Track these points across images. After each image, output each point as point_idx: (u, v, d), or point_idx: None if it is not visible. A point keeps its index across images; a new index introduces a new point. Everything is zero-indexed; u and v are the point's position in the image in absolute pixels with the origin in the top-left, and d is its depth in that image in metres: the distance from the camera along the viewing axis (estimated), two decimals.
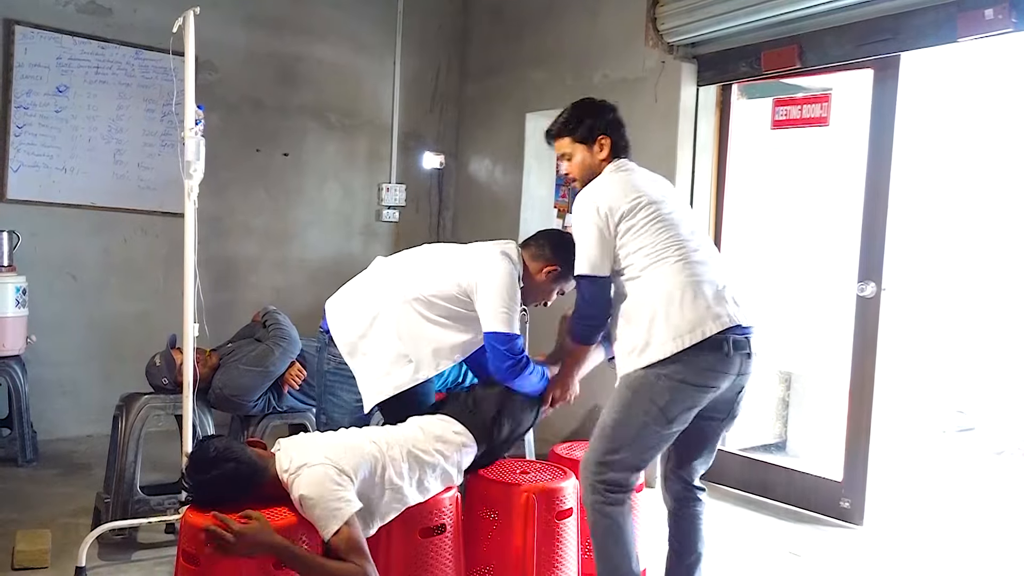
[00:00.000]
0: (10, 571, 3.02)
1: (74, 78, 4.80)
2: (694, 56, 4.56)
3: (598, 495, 2.48)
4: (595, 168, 2.62)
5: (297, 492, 2.18)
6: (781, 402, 5.23)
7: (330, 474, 2.20)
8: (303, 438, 2.43)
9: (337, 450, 2.30)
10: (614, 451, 2.46)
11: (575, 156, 2.64)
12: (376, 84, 5.93)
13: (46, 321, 4.64)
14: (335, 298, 2.96)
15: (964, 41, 3.48)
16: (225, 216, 5.31)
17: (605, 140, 2.61)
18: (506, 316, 2.61)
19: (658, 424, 2.43)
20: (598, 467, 2.48)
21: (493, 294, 2.63)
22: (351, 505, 2.19)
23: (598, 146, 2.61)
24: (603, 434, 2.49)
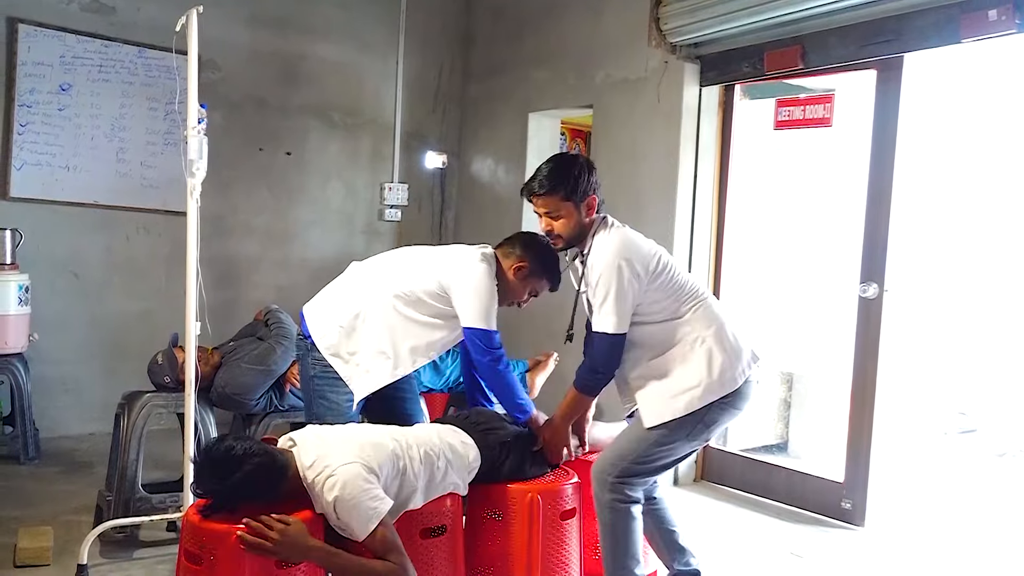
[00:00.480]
0: (12, 568, 3.03)
1: (77, 76, 4.80)
2: (697, 56, 4.56)
3: (617, 494, 2.56)
4: (583, 227, 2.61)
5: (332, 494, 2.13)
6: (783, 403, 5.22)
7: (363, 473, 2.17)
8: (319, 432, 2.37)
9: (365, 447, 2.28)
10: (645, 459, 2.57)
11: (561, 215, 2.59)
12: (379, 83, 5.93)
13: (48, 319, 4.64)
14: (312, 303, 3.00)
15: (968, 42, 3.48)
16: (227, 215, 5.32)
17: (593, 200, 2.61)
18: (484, 313, 2.72)
19: (696, 441, 2.62)
20: (621, 468, 2.56)
21: (471, 292, 2.73)
22: (385, 503, 2.19)
23: (586, 206, 2.60)
24: (641, 439, 2.57)
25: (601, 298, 2.51)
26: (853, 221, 4.09)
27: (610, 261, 2.50)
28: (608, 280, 2.49)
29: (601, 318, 2.53)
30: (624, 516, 2.57)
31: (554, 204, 2.58)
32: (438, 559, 2.48)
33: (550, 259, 2.87)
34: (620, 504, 2.57)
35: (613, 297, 2.49)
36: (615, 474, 2.57)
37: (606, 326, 2.51)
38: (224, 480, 2.11)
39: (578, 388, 2.66)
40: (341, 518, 2.14)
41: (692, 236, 4.55)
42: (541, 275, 2.88)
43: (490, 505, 2.67)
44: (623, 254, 2.51)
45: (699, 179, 4.56)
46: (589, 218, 2.61)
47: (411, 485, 2.36)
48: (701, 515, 4.08)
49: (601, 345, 2.54)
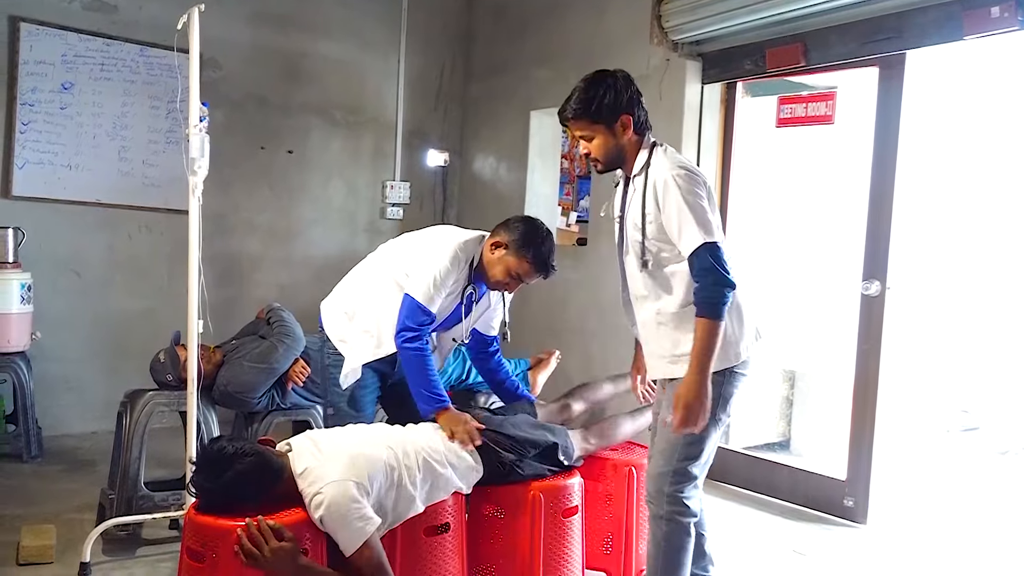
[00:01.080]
0: (15, 566, 3.03)
1: (79, 75, 4.80)
2: (699, 54, 4.56)
3: (677, 505, 2.44)
4: (621, 148, 2.44)
5: (318, 512, 2.15)
6: (785, 401, 5.22)
7: (350, 492, 2.17)
8: (316, 440, 2.36)
9: (357, 460, 2.26)
10: (687, 455, 2.44)
11: (595, 138, 2.44)
12: (381, 82, 5.93)
13: (51, 317, 4.65)
14: (328, 296, 3.11)
15: (970, 39, 3.47)
16: (229, 213, 5.32)
17: (627, 118, 2.42)
18: (425, 287, 2.72)
19: (719, 420, 2.46)
20: (673, 473, 2.44)
21: (424, 265, 2.76)
22: (372, 523, 2.19)
23: (620, 126, 2.42)
24: (671, 437, 2.43)
25: (675, 213, 2.30)
26: (855, 219, 4.09)
27: (673, 173, 2.33)
28: (673, 194, 2.30)
29: (686, 235, 2.29)
30: (680, 532, 2.45)
31: (585, 127, 2.44)
32: (442, 556, 2.48)
33: (534, 240, 2.76)
34: (680, 517, 2.45)
35: (686, 207, 2.29)
36: (670, 482, 2.43)
37: (693, 239, 2.28)
38: (216, 479, 2.13)
39: (706, 315, 2.28)
40: (329, 533, 2.17)
41: None
42: (518, 254, 2.75)
43: (493, 503, 2.67)
44: (683, 164, 2.37)
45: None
46: (626, 137, 2.43)
47: (408, 494, 2.36)
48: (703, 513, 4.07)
49: (703, 261, 2.27)
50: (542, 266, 2.78)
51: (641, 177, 2.42)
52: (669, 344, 2.43)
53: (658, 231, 2.38)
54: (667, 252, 2.40)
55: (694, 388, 2.29)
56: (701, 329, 2.28)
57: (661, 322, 2.44)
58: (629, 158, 2.46)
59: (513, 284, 2.85)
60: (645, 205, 2.39)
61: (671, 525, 2.44)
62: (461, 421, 2.62)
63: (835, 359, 4.57)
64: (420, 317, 2.72)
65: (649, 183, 2.38)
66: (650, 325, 2.49)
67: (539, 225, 2.82)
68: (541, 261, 2.77)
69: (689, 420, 2.30)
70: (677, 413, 2.31)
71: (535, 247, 2.76)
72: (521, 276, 2.79)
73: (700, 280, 2.29)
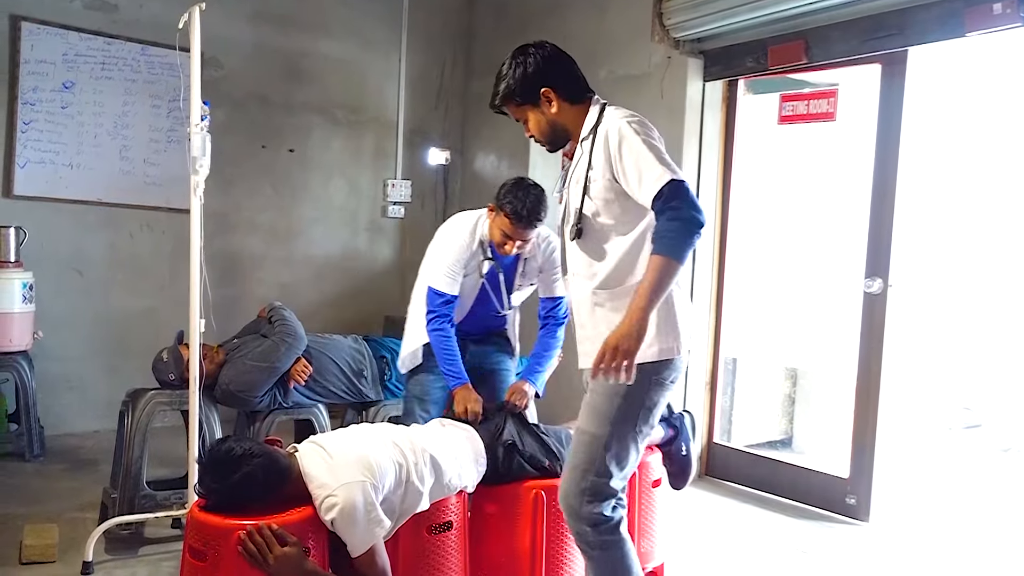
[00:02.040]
0: (18, 565, 3.03)
1: (80, 74, 4.80)
2: (700, 51, 4.55)
3: (600, 525, 2.19)
4: (555, 122, 2.29)
5: (330, 515, 2.14)
6: (787, 399, 5.22)
7: (365, 496, 2.17)
8: (323, 444, 2.34)
9: (366, 462, 2.25)
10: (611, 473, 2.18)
11: (528, 119, 2.32)
12: (382, 80, 5.93)
13: (52, 317, 4.65)
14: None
15: (972, 36, 3.47)
16: (230, 212, 5.32)
17: (547, 91, 2.26)
18: (432, 271, 3.00)
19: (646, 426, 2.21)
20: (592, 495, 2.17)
21: (430, 252, 3.06)
22: (383, 527, 2.20)
23: (544, 101, 2.27)
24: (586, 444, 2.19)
25: (632, 158, 2.10)
26: (858, 216, 4.08)
27: (625, 120, 2.15)
28: (629, 139, 2.12)
29: (648, 176, 2.07)
30: (614, 549, 2.19)
31: (513, 111, 2.34)
32: (444, 555, 2.48)
33: (511, 193, 2.84)
34: (609, 536, 2.19)
35: (645, 148, 2.09)
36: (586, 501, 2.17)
37: (659, 177, 2.05)
38: (224, 480, 2.13)
39: (665, 252, 2.01)
40: (339, 534, 2.17)
41: None
42: (499, 209, 2.87)
43: (495, 501, 2.67)
44: (628, 113, 2.19)
45: (703, 174, 4.55)
46: (555, 110, 2.26)
47: (416, 491, 2.36)
48: (705, 511, 4.08)
49: (671, 196, 2.04)
50: (516, 216, 2.81)
51: (589, 139, 2.22)
52: (605, 328, 2.11)
53: (604, 189, 2.16)
54: (605, 216, 2.19)
55: (626, 323, 1.99)
56: (655, 264, 2.01)
57: (597, 303, 2.22)
58: (573, 128, 2.29)
59: (510, 244, 2.90)
60: (592, 161, 2.19)
61: (603, 552, 2.19)
62: (471, 399, 2.81)
63: (837, 357, 4.56)
64: (436, 300, 2.97)
65: (598, 139, 2.18)
66: (584, 306, 2.25)
67: (522, 181, 2.89)
68: (515, 211, 2.81)
69: (611, 362, 1.97)
70: (602, 351, 2.00)
71: (510, 197, 2.83)
72: (507, 233, 2.86)
73: (665, 212, 2.03)
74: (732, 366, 4.84)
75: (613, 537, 2.21)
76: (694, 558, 3.43)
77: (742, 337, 4.80)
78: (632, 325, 1.99)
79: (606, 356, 1.99)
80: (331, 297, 5.81)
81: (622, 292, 2.16)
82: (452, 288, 2.96)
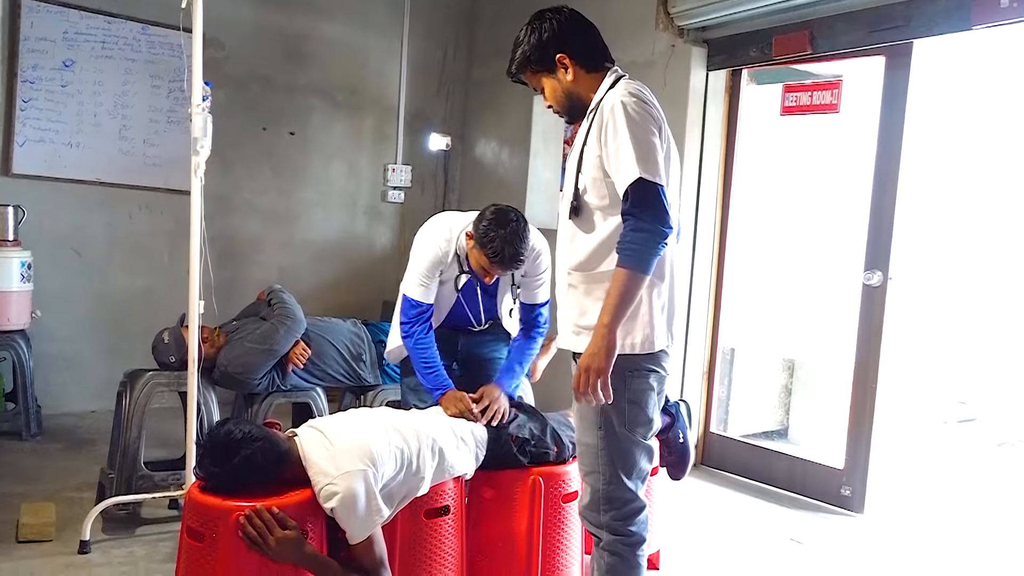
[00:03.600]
0: (15, 543, 3.04)
1: (80, 53, 4.77)
2: (704, 40, 4.53)
3: (619, 535, 2.13)
4: (571, 91, 2.19)
5: (330, 503, 2.14)
6: (784, 389, 5.23)
7: (365, 485, 2.16)
8: (323, 429, 2.33)
9: (366, 449, 2.23)
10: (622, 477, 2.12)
11: (545, 87, 2.24)
12: (383, 64, 5.90)
13: (51, 296, 4.64)
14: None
15: (978, 29, 3.45)
16: (230, 194, 5.30)
17: (562, 57, 2.17)
18: (407, 278, 2.87)
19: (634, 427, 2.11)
20: (609, 503, 2.12)
21: (412, 262, 2.88)
22: (382, 515, 2.20)
23: (560, 68, 2.18)
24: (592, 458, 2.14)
25: (614, 140, 2.00)
26: (859, 209, 4.08)
27: (624, 99, 2.03)
28: (619, 120, 2.00)
29: (622, 167, 1.97)
30: (622, 566, 2.13)
31: (530, 79, 2.26)
32: (441, 539, 2.49)
33: (494, 235, 2.64)
34: (623, 547, 2.13)
35: (627, 136, 1.97)
36: (603, 510, 2.13)
37: (629, 172, 1.95)
38: (223, 463, 2.13)
39: (629, 265, 1.94)
40: (339, 522, 2.17)
41: (696, 220, 4.54)
42: (479, 247, 2.68)
43: (492, 486, 2.68)
44: (638, 92, 2.06)
45: (704, 164, 4.54)
46: (571, 77, 2.17)
47: (416, 476, 2.36)
48: (700, 500, 4.10)
49: (636, 198, 1.95)
50: (500, 261, 2.67)
51: (594, 110, 2.12)
52: (576, 312, 2.11)
53: (594, 167, 2.07)
54: (591, 195, 2.09)
55: (593, 345, 1.95)
56: (619, 278, 1.94)
57: (571, 284, 2.15)
58: (590, 96, 2.17)
59: (489, 277, 2.79)
60: (588, 135, 2.10)
61: (613, 558, 2.14)
62: (456, 399, 2.70)
63: (835, 348, 4.57)
64: (410, 310, 2.85)
65: (599, 112, 2.08)
66: (561, 285, 2.20)
67: (504, 217, 2.68)
68: (498, 255, 2.65)
69: (586, 384, 1.94)
70: (577, 375, 1.98)
71: (493, 241, 2.64)
72: (487, 269, 2.74)
73: (629, 220, 1.95)
74: (730, 356, 4.85)
75: (628, 551, 2.13)
76: (689, 546, 3.44)
77: (740, 327, 4.81)
78: (599, 343, 1.94)
79: (581, 379, 1.96)
80: (329, 281, 5.81)
81: (595, 277, 2.09)
82: (426, 297, 2.82)
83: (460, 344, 3.09)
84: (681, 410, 3.10)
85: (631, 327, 2.04)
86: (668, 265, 2.11)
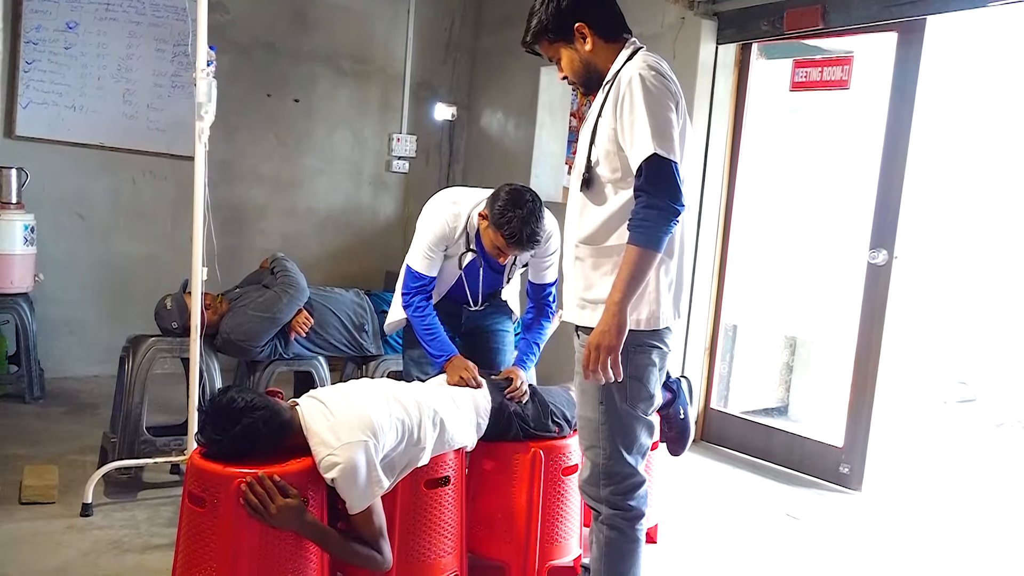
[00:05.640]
0: (18, 505, 3.06)
1: (84, 14, 4.72)
2: (715, 13, 4.47)
3: (619, 509, 2.14)
4: (588, 61, 2.15)
5: (331, 474, 2.14)
6: (785, 367, 5.24)
7: (366, 455, 2.16)
8: (326, 400, 2.32)
9: (367, 420, 2.23)
10: (623, 452, 2.12)
11: (562, 58, 2.18)
12: (389, 31, 5.84)
13: (54, 260, 4.64)
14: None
15: (993, 6, 3.40)
16: (234, 161, 5.28)
17: (582, 26, 2.11)
18: (412, 250, 2.87)
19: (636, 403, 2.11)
20: (609, 478, 2.13)
21: (418, 235, 2.88)
22: (381, 487, 2.21)
23: (578, 38, 2.13)
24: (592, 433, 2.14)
25: (629, 113, 1.98)
26: (866, 187, 4.05)
27: (642, 71, 1.99)
28: (636, 93, 1.97)
29: (637, 142, 1.95)
30: (622, 540, 2.14)
31: (546, 49, 2.20)
32: (441, 509, 2.50)
33: (511, 215, 2.62)
34: (622, 522, 2.14)
35: (644, 111, 1.95)
36: (603, 484, 2.14)
37: (644, 148, 1.92)
38: (225, 431, 2.14)
39: (640, 242, 1.92)
40: (339, 492, 2.18)
41: (702, 194, 4.51)
42: (495, 228, 2.66)
43: (493, 458, 2.69)
44: (656, 66, 2.03)
45: (712, 138, 4.51)
46: (589, 47, 2.13)
47: (418, 447, 2.36)
48: (700, 475, 4.12)
49: (651, 174, 1.92)
50: (516, 242, 2.65)
51: (610, 82, 2.09)
52: (581, 285, 2.11)
53: (608, 140, 2.04)
54: (604, 168, 2.06)
55: (603, 323, 1.95)
56: (630, 256, 1.93)
57: (578, 256, 2.13)
58: (607, 67, 2.13)
59: (504, 257, 2.79)
60: (604, 107, 2.07)
61: (612, 532, 2.15)
62: (461, 367, 2.73)
63: (837, 327, 4.57)
64: (412, 282, 2.86)
65: (616, 84, 2.05)
66: (568, 258, 2.18)
67: (520, 197, 2.66)
68: (515, 237, 2.64)
69: (596, 362, 1.95)
70: (586, 352, 1.98)
71: (510, 222, 2.63)
72: (502, 250, 2.73)
73: (641, 196, 1.94)
74: (732, 333, 4.85)
75: (627, 525, 2.15)
76: (687, 521, 3.47)
77: (743, 304, 4.80)
78: (610, 320, 1.94)
79: (591, 357, 1.96)
80: (332, 250, 5.80)
81: (603, 251, 2.08)
82: (430, 270, 2.83)
83: (463, 317, 3.08)
84: (682, 386, 3.11)
85: (637, 303, 2.03)
86: (678, 242, 2.10)
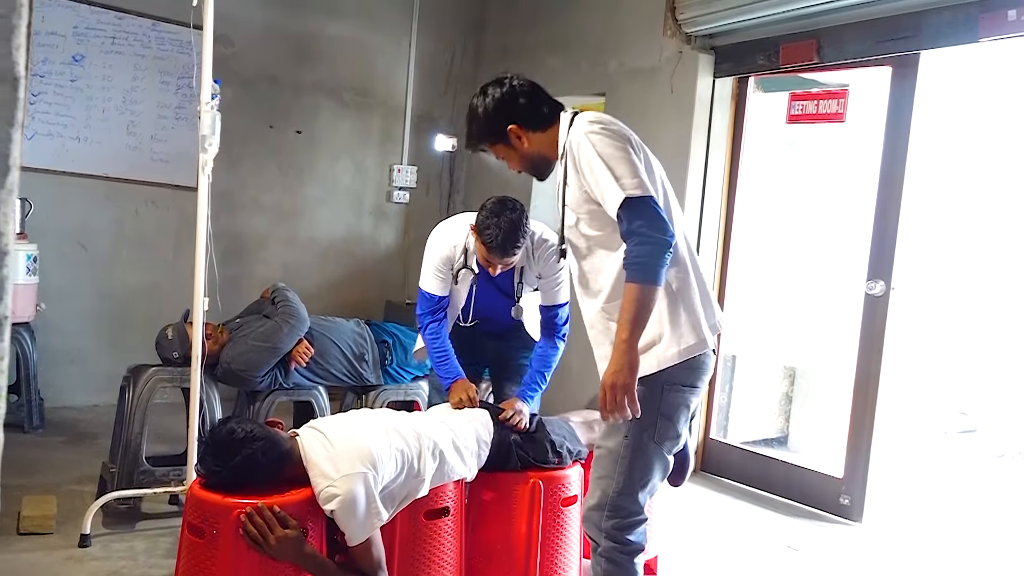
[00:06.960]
0: (16, 535, 3.05)
1: (90, 48, 4.79)
2: (712, 47, 4.54)
3: (618, 543, 2.13)
4: (531, 153, 2.23)
5: (330, 505, 2.15)
6: (784, 397, 5.23)
7: (363, 487, 2.17)
8: (326, 431, 2.32)
9: (366, 451, 2.24)
10: (624, 485, 2.11)
11: (503, 156, 2.29)
12: (391, 64, 5.92)
13: (56, 290, 4.65)
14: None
15: (986, 42, 3.46)
16: (236, 191, 5.32)
17: (515, 128, 2.19)
18: (424, 276, 2.98)
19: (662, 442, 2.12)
20: (609, 506, 2.12)
21: (425, 257, 3.00)
22: (381, 519, 2.22)
23: (514, 139, 2.21)
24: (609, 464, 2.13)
25: (592, 177, 2.03)
26: (862, 218, 4.08)
27: (586, 130, 2.07)
28: (587, 153, 2.04)
29: (607, 195, 2.00)
30: (620, 571, 2.13)
31: (492, 151, 2.28)
32: (441, 540, 2.50)
33: (490, 218, 2.72)
34: (621, 555, 2.12)
35: (611, 160, 2.01)
36: (606, 517, 2.12)
37: (615, 196, 1.98)
38: (225, 462, 2.15)
39: (636, 278, 1.95)
40: (338, 524, 2.18)
41: (700, 227, 4.55)
42: (478, 236, 2.77)
43: (492, 489, 2.69)
44: (597, 119, 2.10)
45: (709, 170, 4.55)
46: (528, 141, 2.20)
47: (417, 479, 2.37)
48: (699, 506, 4.10)
49: (629, 219, 1.97)
50: (494, 247, 2.73)
51: (564, 155, 2.15)
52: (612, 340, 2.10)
53: (584, 201, 2.09)
54: (593, 228, 2.11)
55: (615, 363, 1.95)
56: (631, 294, 1.95)
57: (610, 318, 2.12)
58: (552, 154, 2.21)
59: (493, 268, 2.84)
60: (566, 178, 2.13)
61: (610, 565, 2.14)
62: (463, 388, 2.82)
63: (836, 357, 4.57)
64: (424, 303, 2.98)
65: (567, 154, 2.12)
66: (598, 323, 2.18)
67: (502, 206, 2.74)
68: (493, 242, 2.72)
69: (613, 402, 1.95)
70: (601, 394, 1.98)
71: (489, 228, 2.72)
72: (487, 259, 2.80)
73: (632, 237, 1.97)
74: (731, 363, 4.86)
75: (626, 560, 2.13)
76: (687, 552, 3.45)
77: (742, 334, 4.81)
78: (621, 359, 1.94)
79: (606, 398, 1.96)
80: (333, 280, 5.82)
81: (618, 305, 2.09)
82: (441, 290, 2.94)
83: (489, 349, 3.19)
84: None
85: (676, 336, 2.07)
86: (687, 255, 2.14)
